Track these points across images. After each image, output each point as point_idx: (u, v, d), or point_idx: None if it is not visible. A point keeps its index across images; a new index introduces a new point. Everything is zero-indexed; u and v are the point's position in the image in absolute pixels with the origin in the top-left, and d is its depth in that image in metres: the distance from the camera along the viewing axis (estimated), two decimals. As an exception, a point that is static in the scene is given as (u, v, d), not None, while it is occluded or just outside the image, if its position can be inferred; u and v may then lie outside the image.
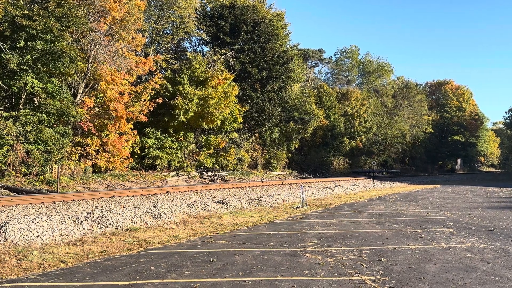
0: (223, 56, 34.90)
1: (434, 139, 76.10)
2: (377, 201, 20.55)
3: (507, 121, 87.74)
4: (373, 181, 37.22)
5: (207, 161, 32.94)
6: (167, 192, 21.21)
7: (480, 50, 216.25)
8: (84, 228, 10.61)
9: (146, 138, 29.19)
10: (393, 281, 6.70)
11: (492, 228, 12.07)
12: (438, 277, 6.93)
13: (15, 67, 19.98)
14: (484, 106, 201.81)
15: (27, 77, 20.57)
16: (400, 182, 38.23)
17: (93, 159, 25.28)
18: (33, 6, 21.04)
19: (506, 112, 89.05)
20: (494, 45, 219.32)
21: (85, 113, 23.95)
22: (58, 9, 20.80)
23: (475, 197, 23.62)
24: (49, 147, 21.19)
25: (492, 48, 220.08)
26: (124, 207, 13.78)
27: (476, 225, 12.63)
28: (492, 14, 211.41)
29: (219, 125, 32.67)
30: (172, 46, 36.48)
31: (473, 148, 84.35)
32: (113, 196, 18.41)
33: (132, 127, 27.52)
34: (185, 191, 22.32)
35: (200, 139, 33.36)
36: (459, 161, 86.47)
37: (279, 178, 37.93)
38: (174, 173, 30.19)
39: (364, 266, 7.65)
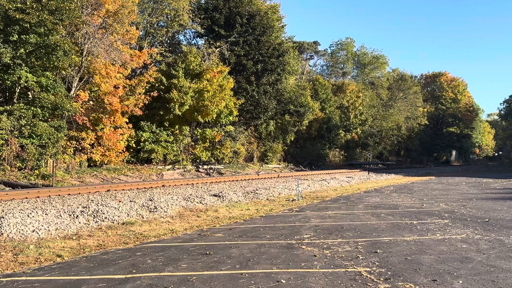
0: (218, 49, 34.74)
1: (429, 131, 76.40)
2: (373, 193, 20.62)
3: (502, 112, 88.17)
4: (368, 173, 37.35)
5: (202, 155, 32.91)
6: (163, 185, 21.18)
7: (475, 42, 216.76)
8: (80, 222, 10.59)
9: (141, 132, 29.09)
10: (389, 273, 6.74)
11: (487, 219, 12.15)
12: (433, 268, 6.98)
13: (8, 61, 19.80)
14: (479, 97, 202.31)
15: (21, 71, 20.40)
16: (396, 174, 38.37)
17: (88, 153, 25.16)
18: (26, -1, 20.83)
19: (500, 104, 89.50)
20: (488, 37, 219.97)
21: (79, 107, 23.81)
22: (52, 2, 20.56)
23: (470, 188, 23.75)
24: (43, 141, 21.08)
25: (487, 39, 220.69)
26: (120, 201, 13.76)
27: (471, 216, 12.71)
28: (486, 6, 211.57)
29: (214, 118, 32.60)
30: (166, 39, 36.25)
31: (468, 139, 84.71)
32: (109, 190, 18.37)
33: (127, 121, 27.37)
34: (181, 184, 22.29)
35: (196, 133, 33.29)
36: (454, 152, 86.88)
37: (274, 171, 37.97)
38: (169, 166, 30.14)
39: (360, 257, 7.69)
